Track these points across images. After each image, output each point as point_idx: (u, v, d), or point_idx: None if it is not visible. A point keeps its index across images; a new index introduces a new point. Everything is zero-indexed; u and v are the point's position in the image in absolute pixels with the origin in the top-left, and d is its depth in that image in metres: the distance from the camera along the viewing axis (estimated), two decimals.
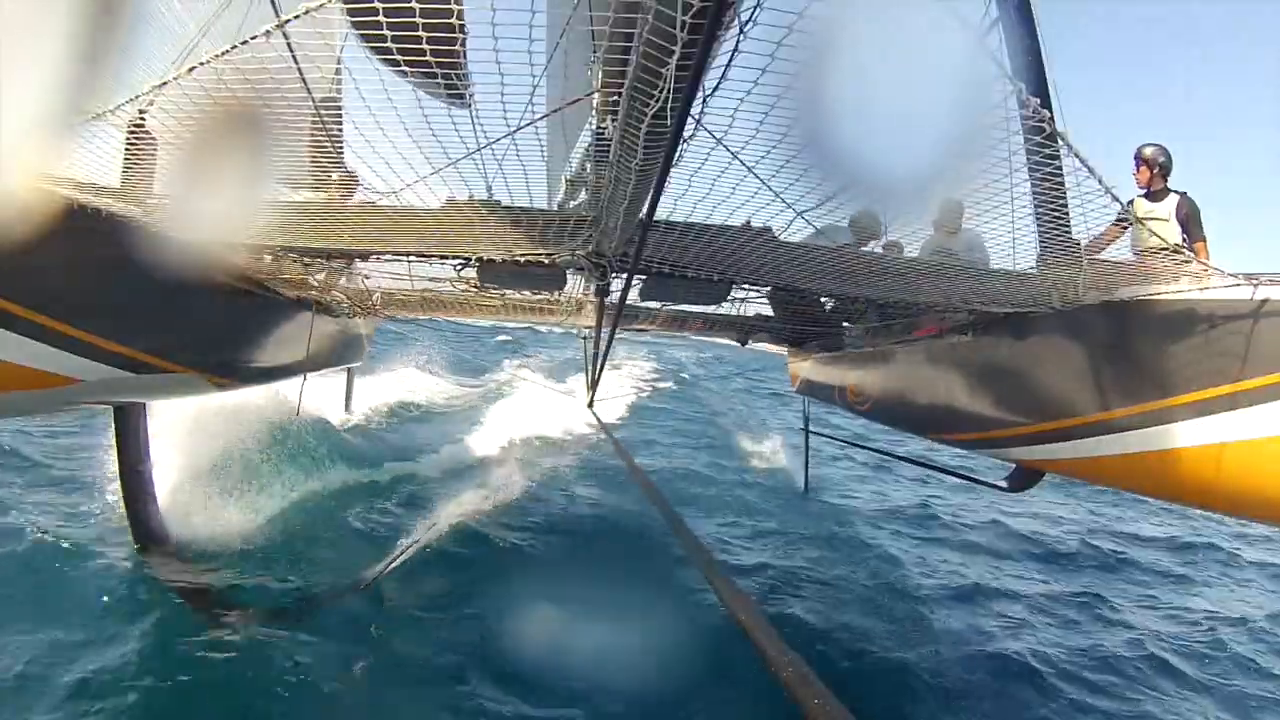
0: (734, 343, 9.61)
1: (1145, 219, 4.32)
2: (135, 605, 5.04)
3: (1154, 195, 4.80)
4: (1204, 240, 4.69)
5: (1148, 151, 4.79)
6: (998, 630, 7.45)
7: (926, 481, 15.77)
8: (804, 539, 9.37)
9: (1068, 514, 14.73)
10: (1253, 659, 7.69)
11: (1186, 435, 3.69)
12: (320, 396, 10.17)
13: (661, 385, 22.70)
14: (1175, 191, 4.79)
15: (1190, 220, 4.69)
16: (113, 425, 5.78)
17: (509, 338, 28.70)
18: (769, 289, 6.05)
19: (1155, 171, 4.77)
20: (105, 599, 5.06)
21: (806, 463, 12.48)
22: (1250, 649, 7.97)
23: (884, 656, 6.19)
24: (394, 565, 6.22)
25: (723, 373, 29.79)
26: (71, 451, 7.82)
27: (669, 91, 1.88)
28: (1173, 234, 4.54)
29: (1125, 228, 4.50)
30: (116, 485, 5.97)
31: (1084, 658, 7.21)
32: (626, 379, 22.13)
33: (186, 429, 7.19)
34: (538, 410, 14.74)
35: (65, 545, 5.63)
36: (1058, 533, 13.69)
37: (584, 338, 10.13)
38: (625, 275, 4.44)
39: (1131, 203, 4.74)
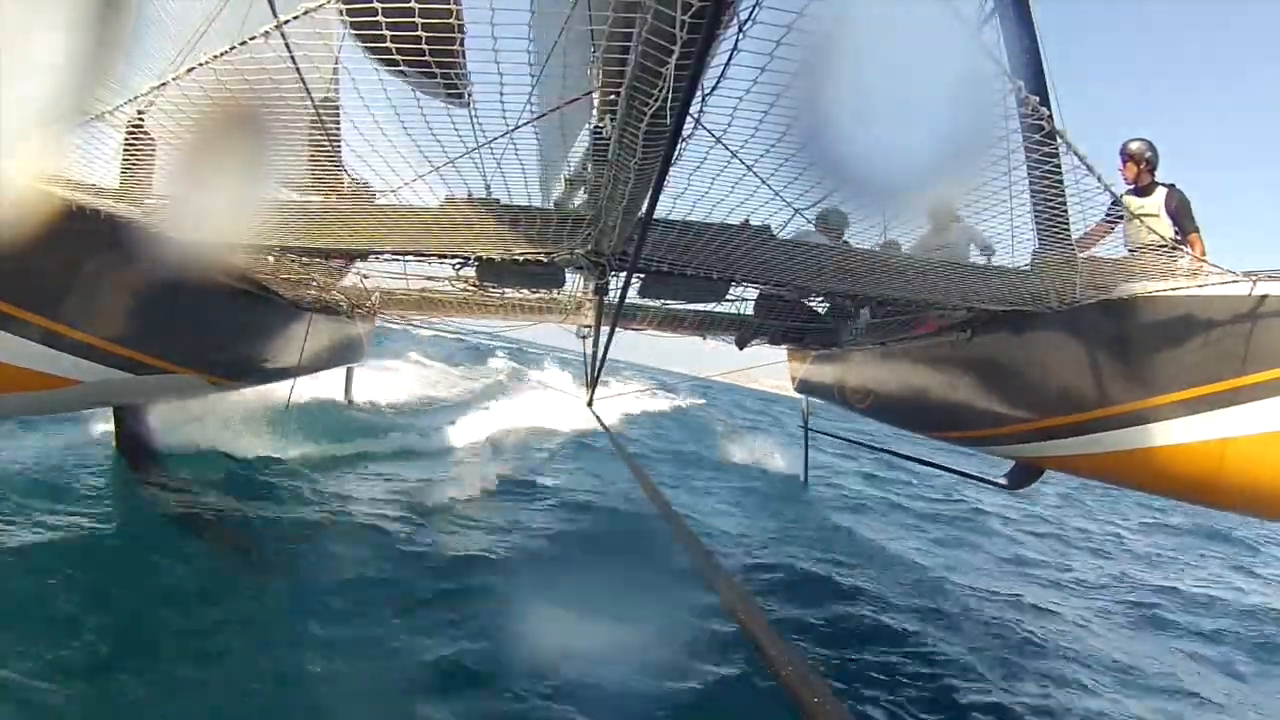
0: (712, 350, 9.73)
1: (1136, 214, 4.31)
2: (127, 542, 5.06)
3: (1142, 190, 4.76)
4: (1197, 231, 4.64)
5: (1134, 146, 4.75)
6: (996, 631, 7.47)
7: (926, 480, 15.79)
8: (802, 541, 9.37)
9: (1067, 509, 14.77)
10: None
11: (1186, 431, 3.69)
12: (323, 385, 10.28)
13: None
14: (1162, 184, 4.75)
15: (1181, 213, 4.64)
16: (113, 426, 5.80)
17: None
18: (756, 296, 6.09)
19: (1142, 166, 4.73)
20: (98, 534, 5.08)
21: (806, 463, 12.41)
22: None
23: (883, 656, 6.20)
24: (388, 557, 6.22)
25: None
26: None
27: (668, 90, 1.88)
28: (1164, 228, 4.51)
29: (1113, 225, 4.49)
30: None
31: (1083, 658, 7.22)
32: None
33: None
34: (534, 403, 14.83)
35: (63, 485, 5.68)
36: (1057, 528, 13.71)
37: (583, 337, 10.14)
38: (624, 274, 4.44)
39: (1120, 199, 4.74)
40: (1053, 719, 5.72)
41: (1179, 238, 4.50)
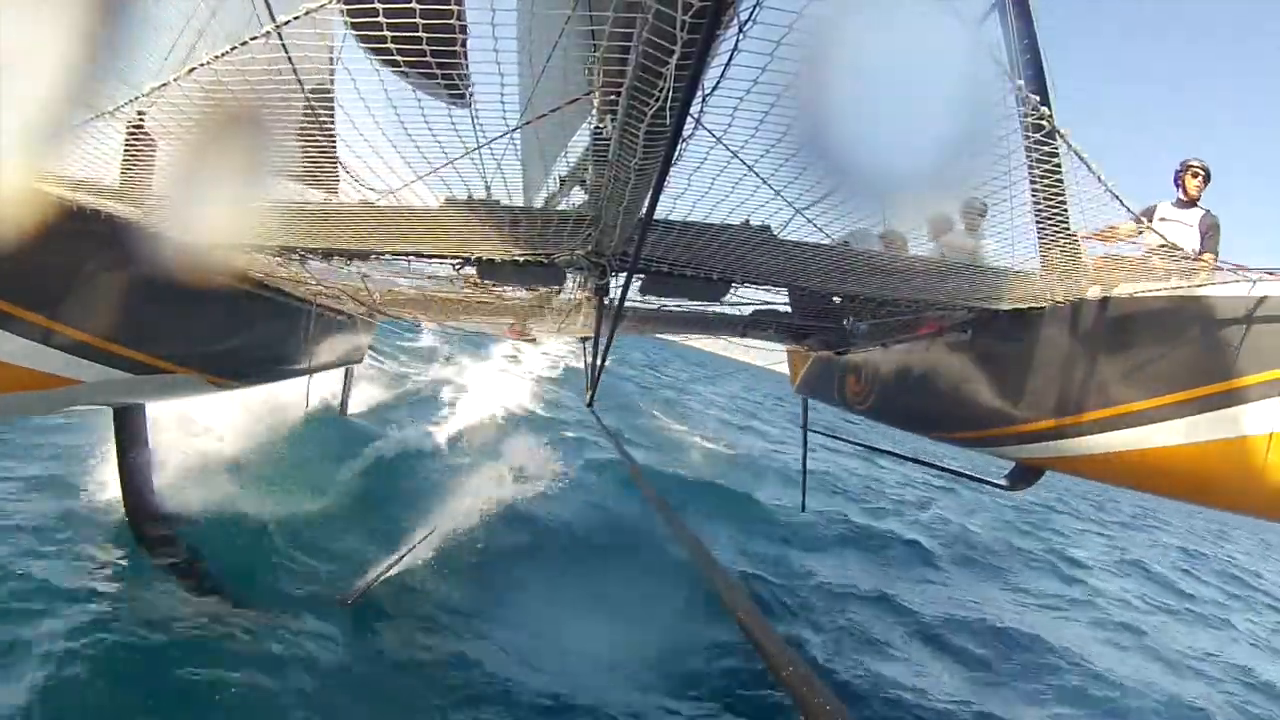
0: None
1: (1169, 220, 4.39)
2: (127, 600, 5.05)
3: (1183, 204, 4.91)
4: (1215, 255, 4.74)
5: (1201, 163, 4.90)
6: (993, 635, 7.47)
7: (925, 482, 15.79)
8: (801, 548, 9.35)
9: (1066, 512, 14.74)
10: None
11: (1187, 432, 3.69)
12: (322, 390, 10.31)
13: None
14: (1202, 207, 4.90)
15: (1209, 235, 4.81)
16: (113, 424, 5.79)
17: None
18: (788, 287, 6.01)
19: (1205, 183, 4.89)
20: (96, 594, 5.06)
21: (804, 481, 11.29)
22: None
23: (884, 659, 6.20)
24: (392, 567, 6.22)
25: None
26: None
27: (669, 91, 1.88)
28: (1190, 242, 4.60)
29: (1140, 229, 4.52)
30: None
31: (1079, 665, 7.23)
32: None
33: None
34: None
35: (59, 530, 5.66)
36: (1058, 537, 13.70)
37: (583, 338, 10.10)
38: (624, 274, 4.43)
39: (1156, 206, 4.83)
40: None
41: (1197, 253, 4.55)
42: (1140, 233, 4.46)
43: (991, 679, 6.53)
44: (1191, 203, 4.89)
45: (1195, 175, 4.87)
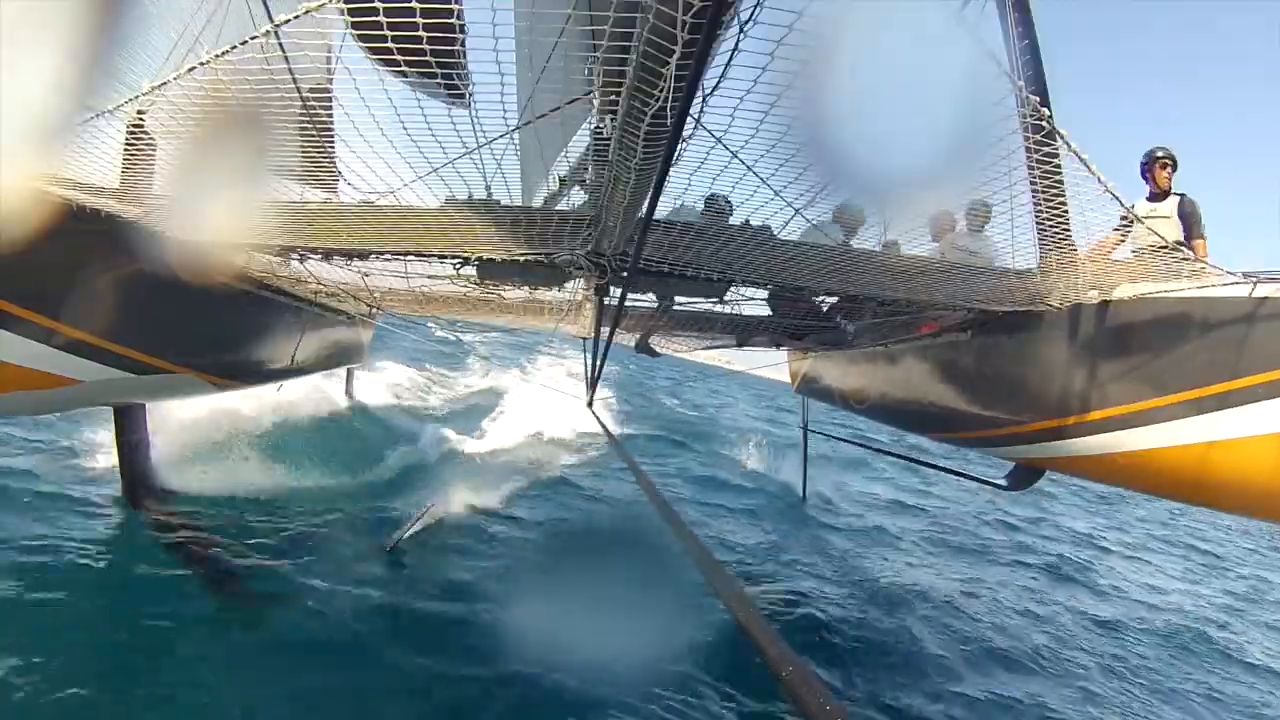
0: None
1: (1148, 218, 4.36)
2: (129, 574, 5.05)
3: (1155, 197, 4.86)
4: (1203, 239, 4.73)
5: (1165, 153, 4.87)
6: (994, 636, 7.47)
7: (925, 481, 15.79)
8: (801, 550, 9.34)
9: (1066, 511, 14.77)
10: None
11: (1186, 433, 3.69)
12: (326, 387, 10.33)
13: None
14: (1175, 193, 4.86)
15: (1191, 219, 4.75)
16: (113, 423, 5.80)
17: None
18: (768, 294, 6.04)
19: (1171, 171, 4.85)
20: (98, 566, 5.07)
21: (805, 475, 11.82)
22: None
23: (882, 660, 6.21)
24: (393, 548, 6.24)
25: None
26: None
27: (669, 91, 1.88)
28: (1175, 233, 4.59)
29: (1127, 234, 4.51)
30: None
31: (1077, 663, 7.23)
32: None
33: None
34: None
35: (61, 516, 5.68)
36: (1054, 533, 13.70)
37: (584, 338, 10.10)
38: (624, 274, 4.44)
39: (1134, 206, 4.80)
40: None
41: (1186, 243, 4.54)
42: (1127, 236, 4.47)
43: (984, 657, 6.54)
44: (1164, 194, 4.85)
45: (1164, 166, 4.83)
